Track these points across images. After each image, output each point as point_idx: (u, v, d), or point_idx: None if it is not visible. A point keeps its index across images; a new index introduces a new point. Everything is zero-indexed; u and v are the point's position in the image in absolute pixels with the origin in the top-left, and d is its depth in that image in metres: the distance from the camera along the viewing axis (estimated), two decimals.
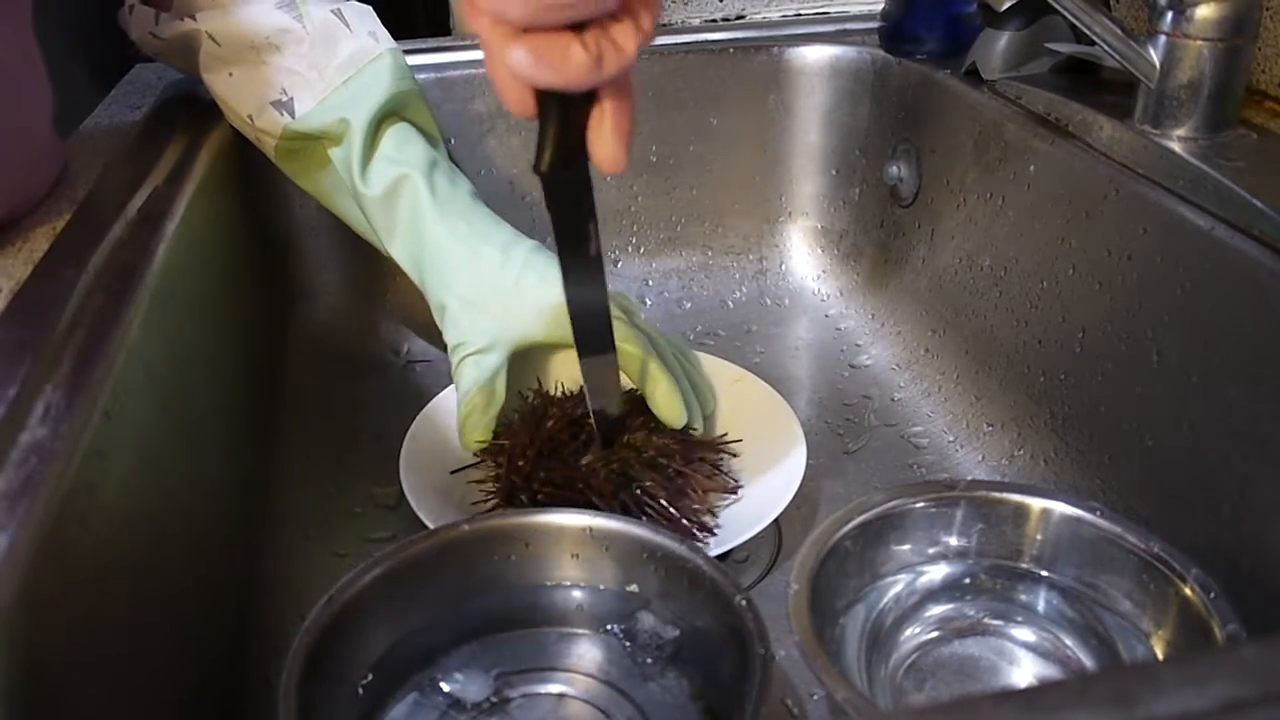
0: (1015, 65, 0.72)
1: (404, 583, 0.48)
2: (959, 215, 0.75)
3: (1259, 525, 0.51)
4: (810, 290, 0.89)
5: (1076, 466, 0.63)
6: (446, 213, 0.64)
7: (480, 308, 0.63)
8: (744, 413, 0.67)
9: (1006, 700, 0.25)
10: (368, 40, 0.66)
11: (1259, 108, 0.64)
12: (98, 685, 0.38)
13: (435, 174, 0.65)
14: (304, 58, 0.64)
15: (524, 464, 0.58)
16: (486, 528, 0.50)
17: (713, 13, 0.92)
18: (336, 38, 0.65)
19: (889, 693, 0.49)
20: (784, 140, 0.89)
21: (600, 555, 0.50)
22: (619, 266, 0.89)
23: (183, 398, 0.54)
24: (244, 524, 0.62)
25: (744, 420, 0.66)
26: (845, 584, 0.50)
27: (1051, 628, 0.51)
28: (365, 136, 0.64)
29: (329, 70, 0.64)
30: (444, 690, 0.48)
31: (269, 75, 0.64)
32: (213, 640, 0.53)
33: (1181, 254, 0.56)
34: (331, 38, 0.65)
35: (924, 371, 0.77)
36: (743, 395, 0.69)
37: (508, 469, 0.59)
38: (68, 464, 0.37)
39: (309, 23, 0.65)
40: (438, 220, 0.64)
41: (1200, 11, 0.57)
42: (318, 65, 0.64)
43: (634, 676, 0.49)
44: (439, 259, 0.64)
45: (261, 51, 0.64)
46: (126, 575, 0.42)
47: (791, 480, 0.61)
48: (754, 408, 0.68)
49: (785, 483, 0.61)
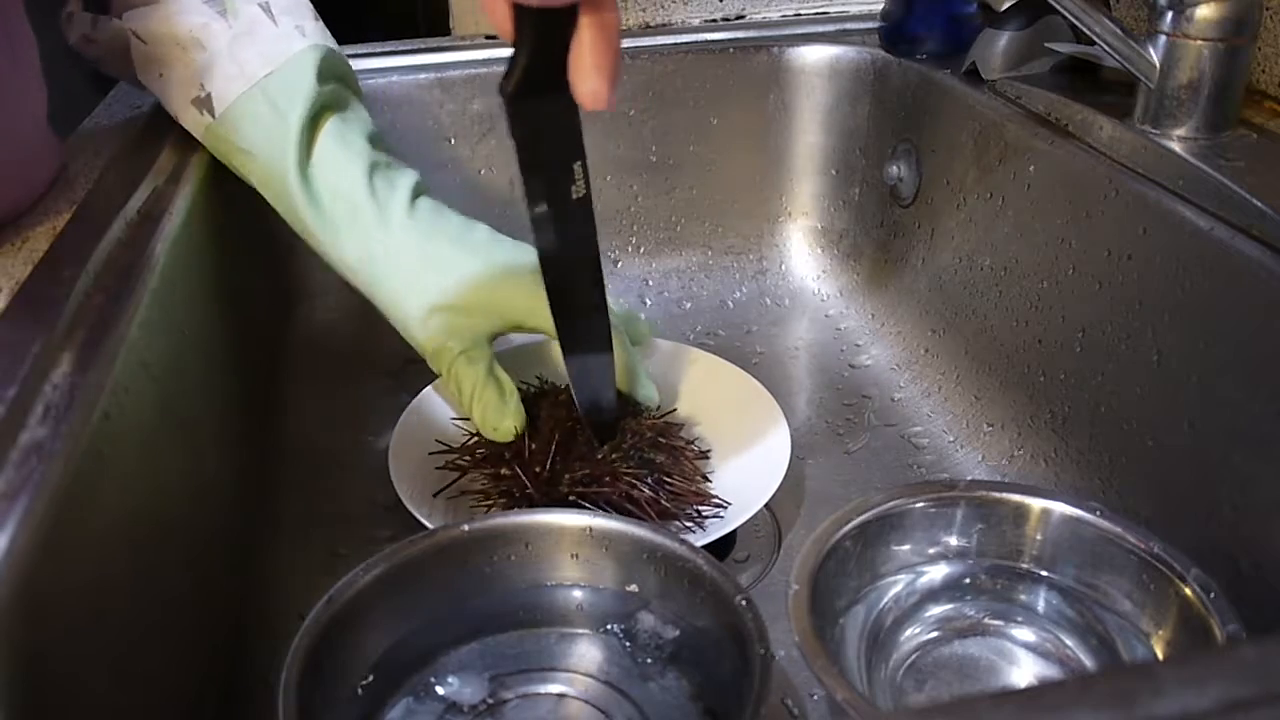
0: (1015, 65, 0.72)
1: (404, 583, 0.48)
2: (959, 215, 0.75)
3: (1259, 525, 0.51)
4: (810, 290, 0.89)
5: (1076, 466, 0.63)
6: (389, 218, 0.62)
7: (451, 308, 0.61)
8: (710, 391, 0.68)
9: (1006, 700, 0.25)
10: (293, 34, 0.62)
11: (1259, 108, 0.64)
12: (97, 685, 0.38)
13: (375, 177, 0.62)
14: (224, 52, 0.61)
15: (541, 470, 0.58)
16: (486, 528, 0.50)
17: (713, 13, 0.92)
18: (259, 32, 0.62)
19: (889, 693, 0.49)
20: (784, 140, 0.89)
21: (600, 555, 0.50)
22: (619, 266, 0.89)
23: (183, 398, 0.54)
24: (244, 524, 0.62)
25: (712, 398, 0.68)
26: (845, 584, 0.50)
27: (1051, 628, 0.51)
28: (299, 137, 0.61)
29: (249, 64, 0.61)
30: (439, 694, 0.48)
31: (192, 73, 0.62)
32: (212, 640, 0.53)
33: (1181, 254, 0.56)
34: (254, 32, 0.62)
35: (924, 371, 0.77)
36: (709, 376, 0.70)
37: (528, 478, 0.58)
38: (68, 464, 0.37)
39: (233, 18, 0.62)
40: (380, 226, 0.61)
41: (1200, 11, 0.57)
42: (238, 59, 0.61)
43: (634, 676, 0.49)
44: (391, 267, 0.61)
45: (187, 49, 0.62)
46: (126, 575, 0.42)
47: (778, 453, 0.62)
48: (720, 385, 0.69)
49: (770, 452, 0.62)
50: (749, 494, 0.59)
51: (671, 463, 0.60)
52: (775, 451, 0.62)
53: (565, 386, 0.63)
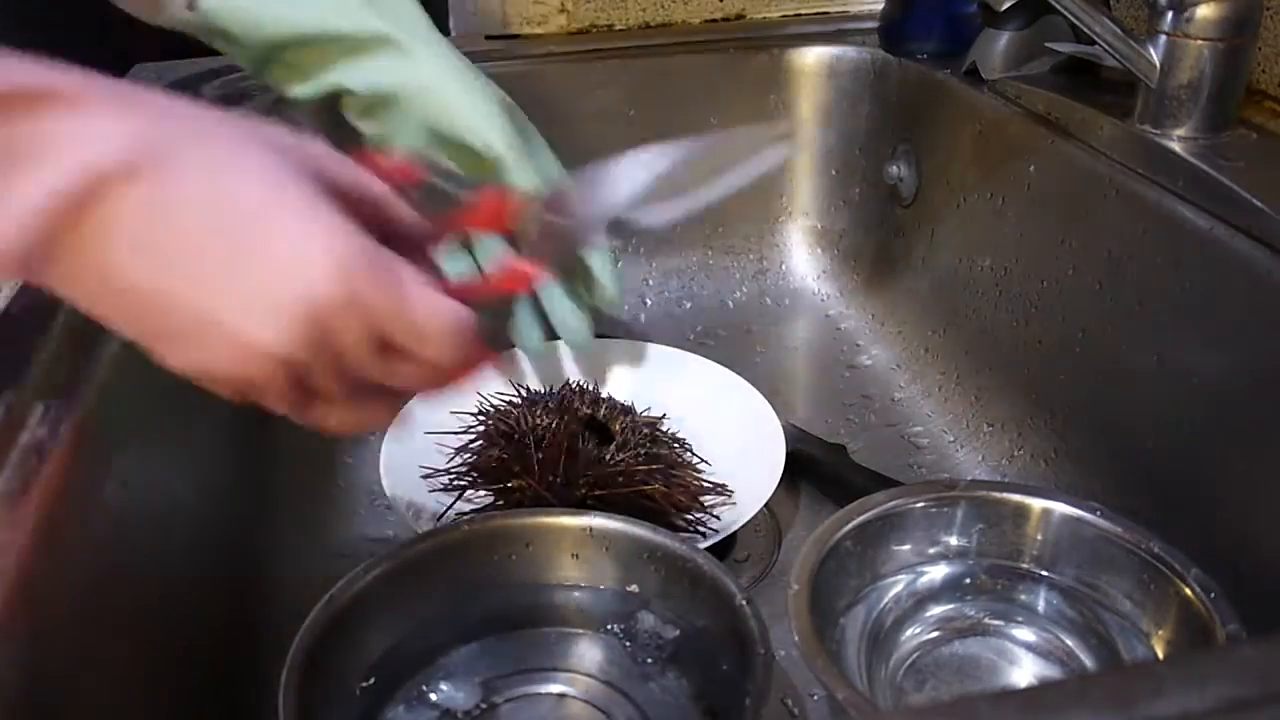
0: (1015, 65, 0.72)
1: (404, 583, 0.48)
2: (959, 215, 0.75)
3: (1259, 525, 0.51)
4: (810, 290, 0.89)
5: (1076, 466, 0.63)
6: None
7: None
8: (701, 395, 0.68)
9: (1006, 700, 0.25)
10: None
11: (1259, 108, 0.64)
12: (97, 684, 0.38)
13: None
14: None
15: (555, 478, 0.58)
16: (486, 528, 0.50)
17: (713, 13, 0.92)
18: None
19: (889, 693, 0.49)
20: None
21: (600, 555, 0.50)
22: (619, 266, 0.89)
23: (183, 397, 0.54)
24: (243, 523, 0.62)
25: (705, 402, 0.68)
26: (845, 584, 0.50)
27: (1051, 628, 0.51)
28: None
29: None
30: (432, 701, 0.47)
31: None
32: (212, 640, 0.53)
33: (1181, 254, 0.56)
34: None
35: (924, 371, 0.77)
36: (698, 380, 0.70)
37: (543, 488, 0.58)
38: (68, 464, 0.37)
39: None
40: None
41: (1200, 11, 0.57)
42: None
43: (634, 676, 0.49)
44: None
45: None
46: (126, 575, 0.42)
47: (774, 454, 0.62)
48: (710, 389, 0.69)
49: (767, 453, 0.62)
50: (747, 496, 0.59)
51: (673, 456, 0.61)
52: (771, 453, 0.62)
53: (558, 392, 0.63)
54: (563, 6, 0.87)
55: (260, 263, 0.34)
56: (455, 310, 0.38)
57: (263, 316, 0.34)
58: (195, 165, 0.33)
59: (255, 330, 0.34)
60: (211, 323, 0.34)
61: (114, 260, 0.33)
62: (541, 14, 0.87)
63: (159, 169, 0.32)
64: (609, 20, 0.89)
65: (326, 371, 0.36)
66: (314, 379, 0.36)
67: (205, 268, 0.33)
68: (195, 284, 0.34)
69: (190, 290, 0.34)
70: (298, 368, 0.35)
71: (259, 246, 0.34)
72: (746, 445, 0.64)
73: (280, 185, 0.35)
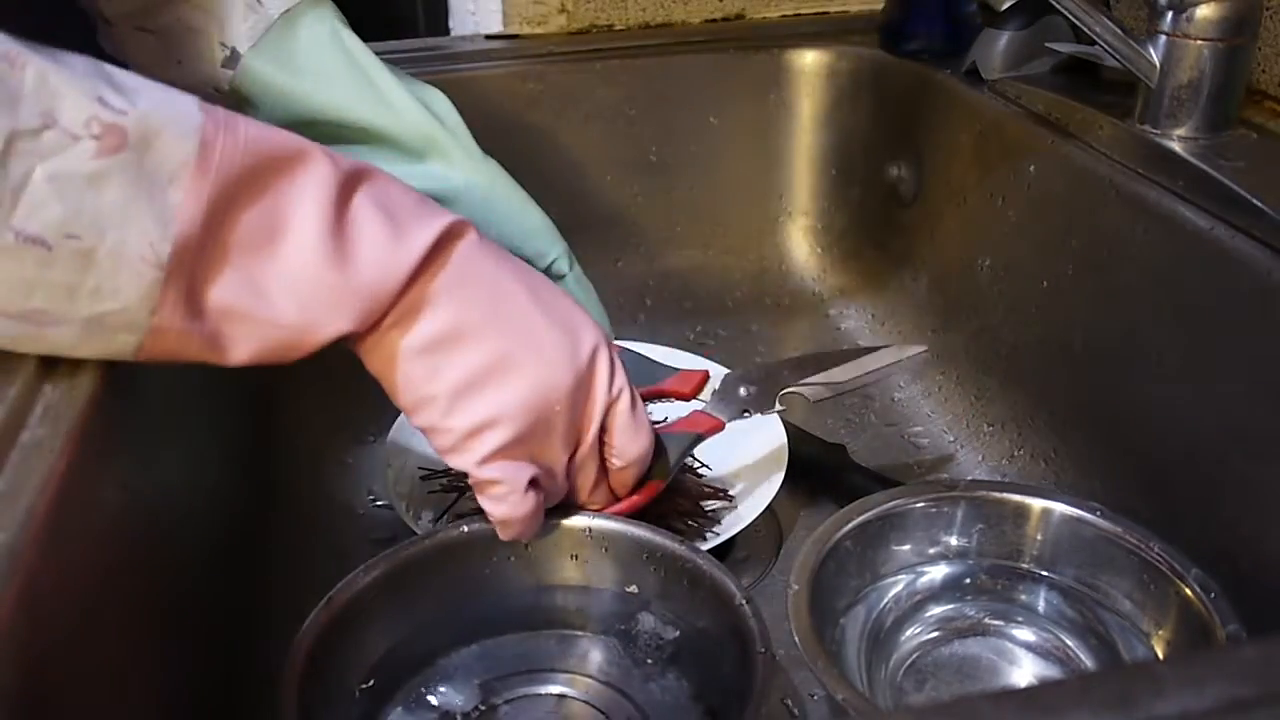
0: (1015, 65, 0.72)
1: (403, 584, 0.48)
2: (959, 215, 0.75)
3: (1259, 525, 0.51)
4: (810, 290, 0.89)
5: (1076, 466, 0.63)
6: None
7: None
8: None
9: (1006, 700, 0.25)
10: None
11: (1259, 108, 0.64)
12: (97, 685, 0.38)
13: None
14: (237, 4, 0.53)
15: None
16: (486, 529, 0.50)
17: (712, 13, 0.92)
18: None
19: (889, 693, 0.49)
20: (784, 140, 0.88)
21: (600, 556, 0.50)
22: (619, 266, 0.89)
23: (183, 396, 0.54)
24: (243, 524, 0.62)
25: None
26: (845, 584, 0.50)
27: (1051, 628, 0.51)
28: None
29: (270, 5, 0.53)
30: (431, 703, 0.47)
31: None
32: (212, 640, 0.53)
33: (1181, 254, 0.56)
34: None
35: (924, 371, 0.77)
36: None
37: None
38: (68, 464, 0.37)
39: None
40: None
41: (1200, 11, 0.57)
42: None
43: (634, 677, 0.49)
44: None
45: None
46: (126, 575, 0.42)
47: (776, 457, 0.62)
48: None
49: (768, 455, 0.62)
50: (749, 500, 0.59)
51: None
52: (772, 454, 0.62)
53: None
54: (563, 6, 0.87)
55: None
56: (652, 437, 0.50)
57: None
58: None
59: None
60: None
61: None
62: (541, 14, 0.87)
63: None
64: (609, 20, 0.89)
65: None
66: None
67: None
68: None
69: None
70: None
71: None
72: (747, 446, 0.64)
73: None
